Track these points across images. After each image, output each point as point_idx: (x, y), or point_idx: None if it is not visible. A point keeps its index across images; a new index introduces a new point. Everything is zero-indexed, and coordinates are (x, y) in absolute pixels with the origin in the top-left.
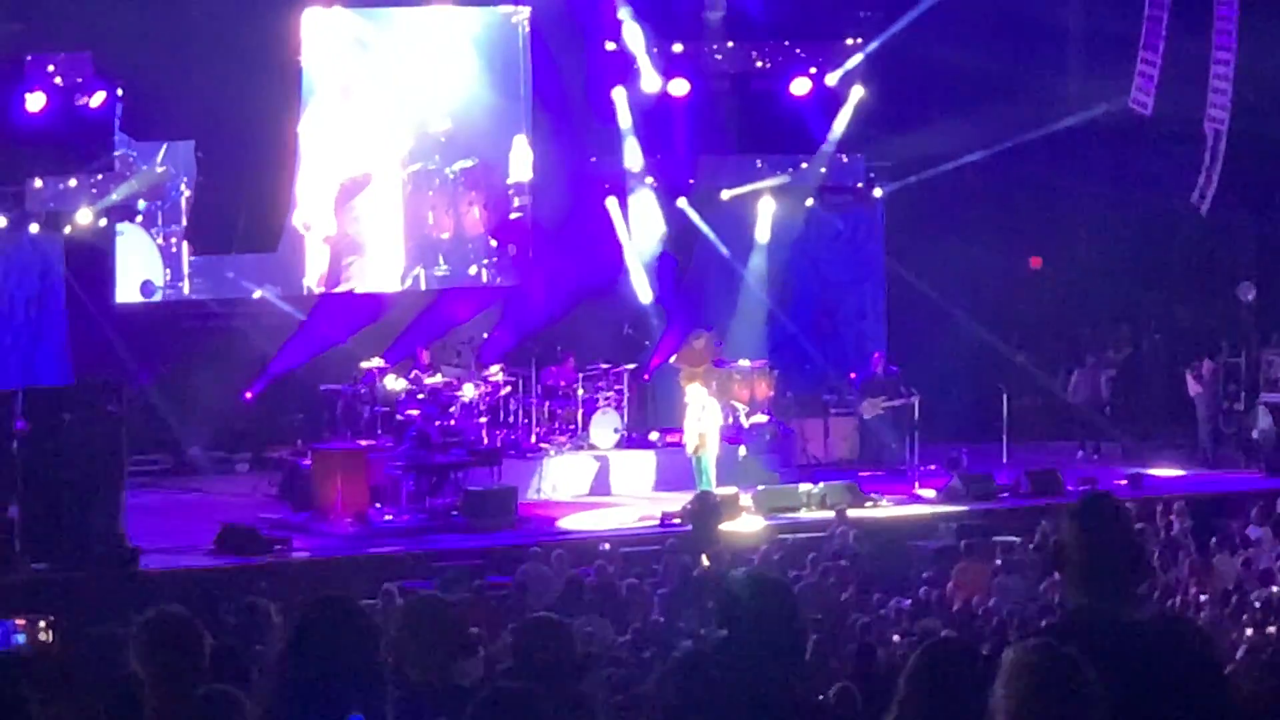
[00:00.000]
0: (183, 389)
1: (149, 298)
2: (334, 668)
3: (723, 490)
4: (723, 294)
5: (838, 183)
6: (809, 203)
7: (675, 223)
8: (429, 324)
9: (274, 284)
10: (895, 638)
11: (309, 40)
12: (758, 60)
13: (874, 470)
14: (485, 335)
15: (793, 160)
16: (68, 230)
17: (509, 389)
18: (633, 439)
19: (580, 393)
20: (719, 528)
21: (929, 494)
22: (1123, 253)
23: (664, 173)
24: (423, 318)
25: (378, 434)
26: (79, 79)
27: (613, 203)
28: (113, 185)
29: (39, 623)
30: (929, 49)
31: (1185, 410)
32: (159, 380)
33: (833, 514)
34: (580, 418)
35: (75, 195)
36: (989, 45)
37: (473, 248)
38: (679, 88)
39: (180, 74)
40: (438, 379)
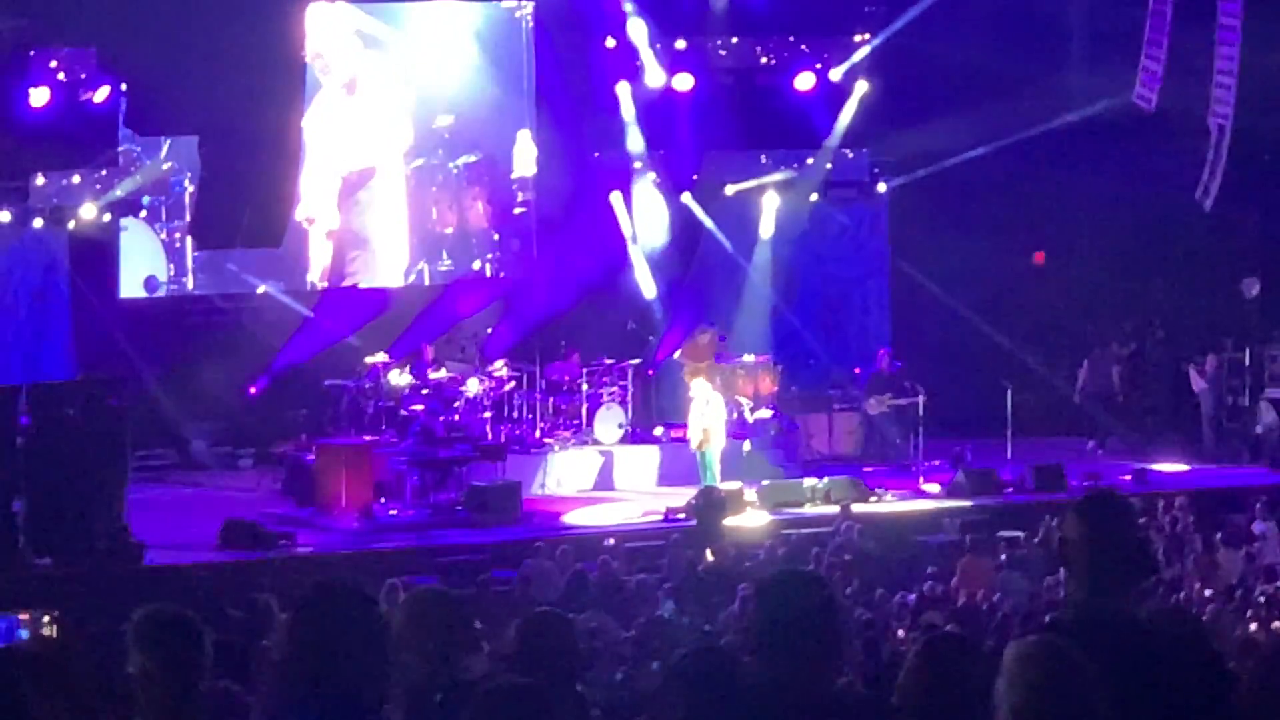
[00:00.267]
0: (187, 384)
1: (153, 293)
2: (337, 656)
3: (727, 485)
4: (727, 289)
5: (842, 178)
6: (813, 198)
7: (679, 218)
8: (433, 319)
9: (278, 279)
10: (900, 632)
11: (313, 35)
12: (762, 55)
13: (878, 465)
14: (489, 330)
15: (797, 155)
16: (72, 225)
17: (513, 384)
18: (637, 434)
19: (584, 388)
20: (723, 523)
21: (933, 489)
22: (1127, 248)
23: (668, 168)
24: (427, 313)
25: (382, 429)
26: (83, 74)
27: (617, 198)
28: (117, 180)
29: (42, 618)
30: (933, 44)
31: (1189, 405)
32: (163, 375)
33: (837, 509)
34: (584, 413)
35: (79, 190)
36: (993, 41)
37: (476, 243)
38: (683, 82)
39: (184, 69)
40: (442, 374)
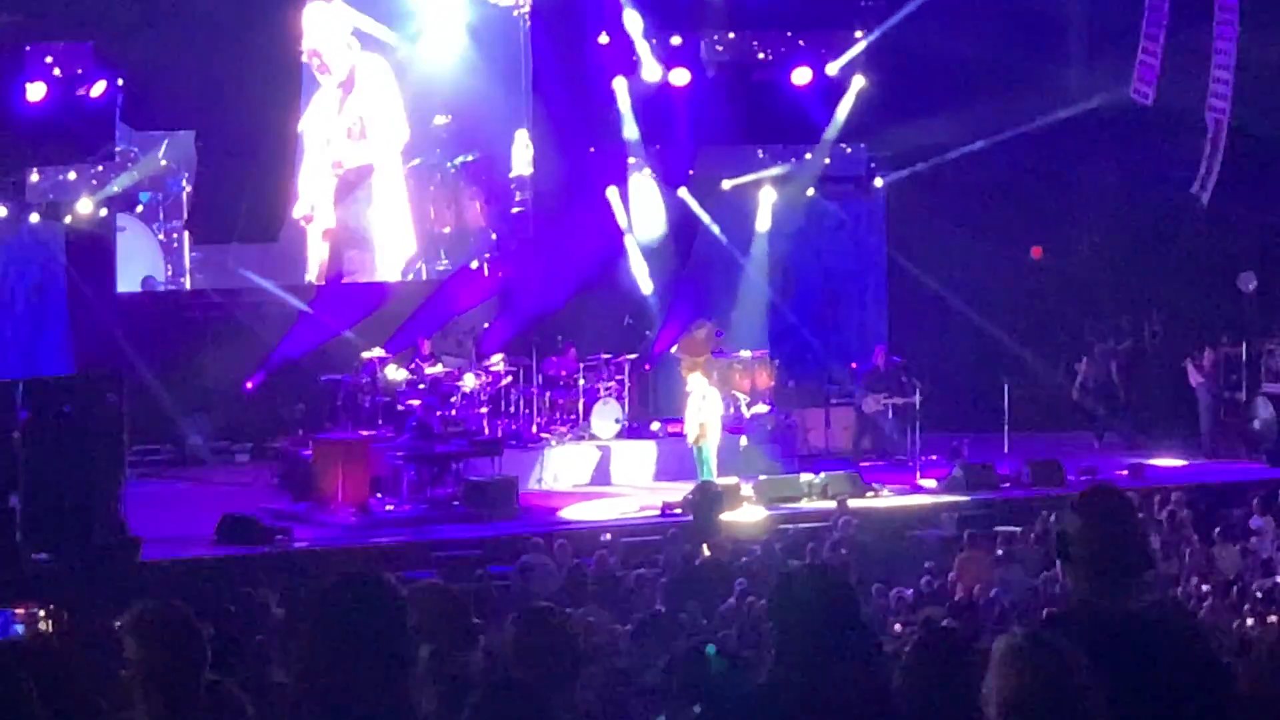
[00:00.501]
0: (184, 379)
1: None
2: (362, 647)
3: (724, 480)
4: (724, 284)
5: (839, 172)
6: (810, 192)
7: (676, 213)
8: (430, 314)
9: (275, 278)
10: (897, 627)
11: (310, 34)
12: (759, 50)
13: (875, 460)
14: (486, 325)
15: (794, 150)
16: (68, 220)
17: (510, 379)
18: (634, 429)
19: (581, 383)
20: (720, 518)
21: (930, 484)
22: (1124, 243)
23: (665, 162)
24: (424, 308)
25: (379, 424)
26: (79, 70)
27: (613, 192)
28: (113, 176)
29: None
30: (930, 38)
31: (1186, 400)
32: (160, 370)
33: (834, 504)
34: (581, 408)
35: (75, 186)
36: (990, 35)
37: (474, 242)
38: (680, 77)
39: (181, 64)
40: (439, 369)
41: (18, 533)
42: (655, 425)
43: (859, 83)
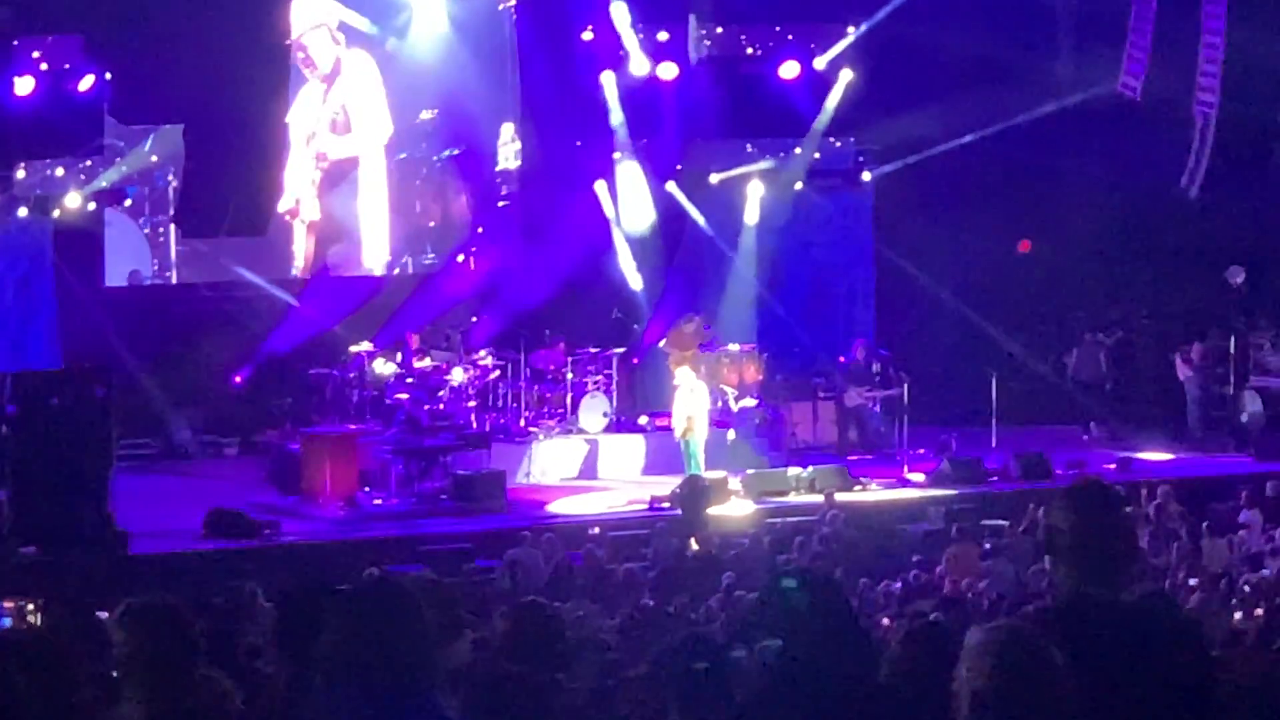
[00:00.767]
0: (172, 373)
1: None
2: (387, 646)
3: (711, 474)
4: (712, 278)
5: (827, 166)
6: (798, 186)
7: (664, 206)
8: (418, 308)
9: (262, 272)
10: (885, 620)
11: (296, 28)
12: (747, 44)
13: (863, 454)
14: (474, 319)
15: (782, 144)
16: (56, 214)
17: (498, 373)
18: (622, 423)
19: (569, 376)
20: (708, 511)
21: (918, 478)
22: (1112, 236)
23: (653, 156)
24: (411, 302)
25: (366, 418)
26: (67, 64)
27: (602, 187)
28: (101, 170)
29: (27, 606)
30: (918, 32)
31: (1174, 394)
32: (148, 364)
33: (821, 498)
34: (569, 401)
35: (63, 180)
36: (978, 29)
37: (460, 236)
38: (668, 71)
39: (169, 58)
40: (427, 363)
41: (5, 526)
42: (643, 419)
43: (847, 76)
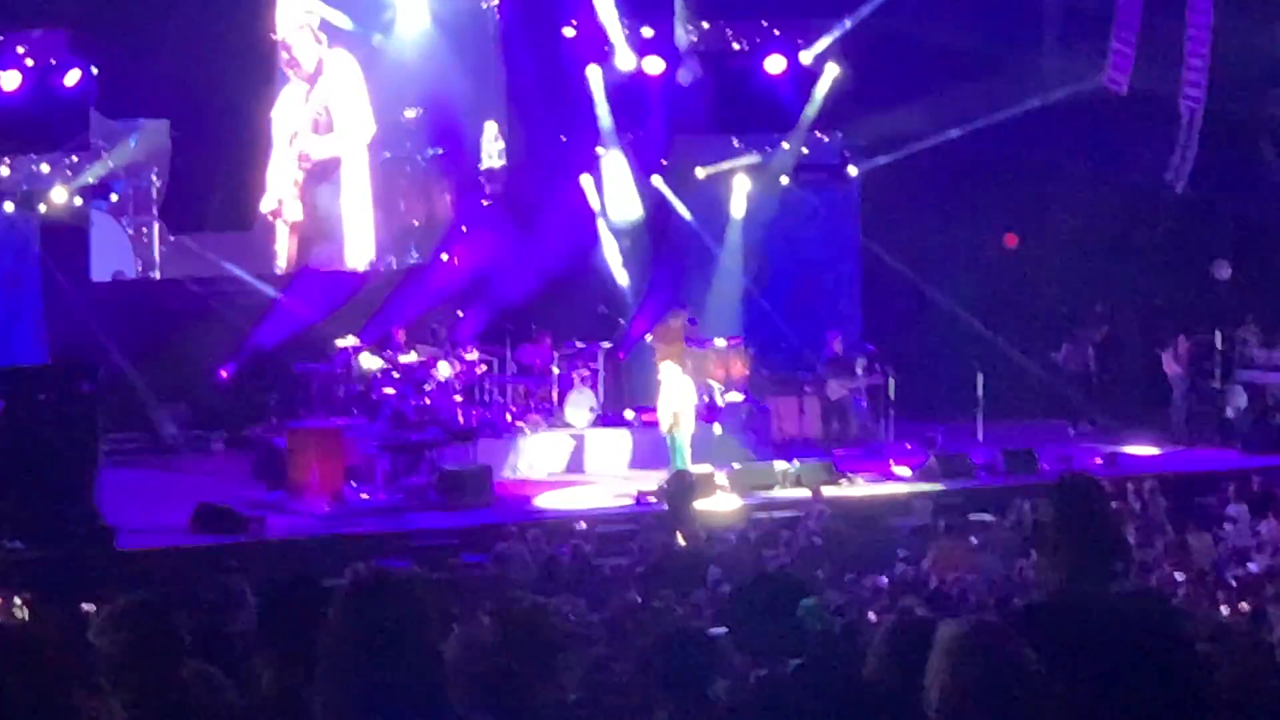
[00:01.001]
0: (158, 368)
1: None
2: (394, 644)
3: (698, 469)
4: (698, 272)
5: (813, 161)
6: (784, 181)
7: (650, 201)
8: (404, 303)
9: (247, 270)
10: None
11: (281, 28)
12: (733, 39)
13: (850, 449)
14: (460, 314)
15: (768, 138)
16: (42, 209)
17: (484, 368)
18: (608, 417)
19: (555, 371)
20: (694, 506)
21: (905, 472)
22: (1098, 231)
23: (639, 151)
24: (398, 297)
25: (353, 413)
26: (53, 60)
27: (587, 181)
28: (87, 165)
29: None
30: (904, 27)
31: (1160, 388)
32: (134, 359)
33: (808, 493)
34: (556, 396)
35: (49, 175)
36: (964, 23)
37: (445, 234)
38: (654, 65)
39: (156, 52)
40: (413, 358)
41: None
42: (629, 414)
43: (833, 71)
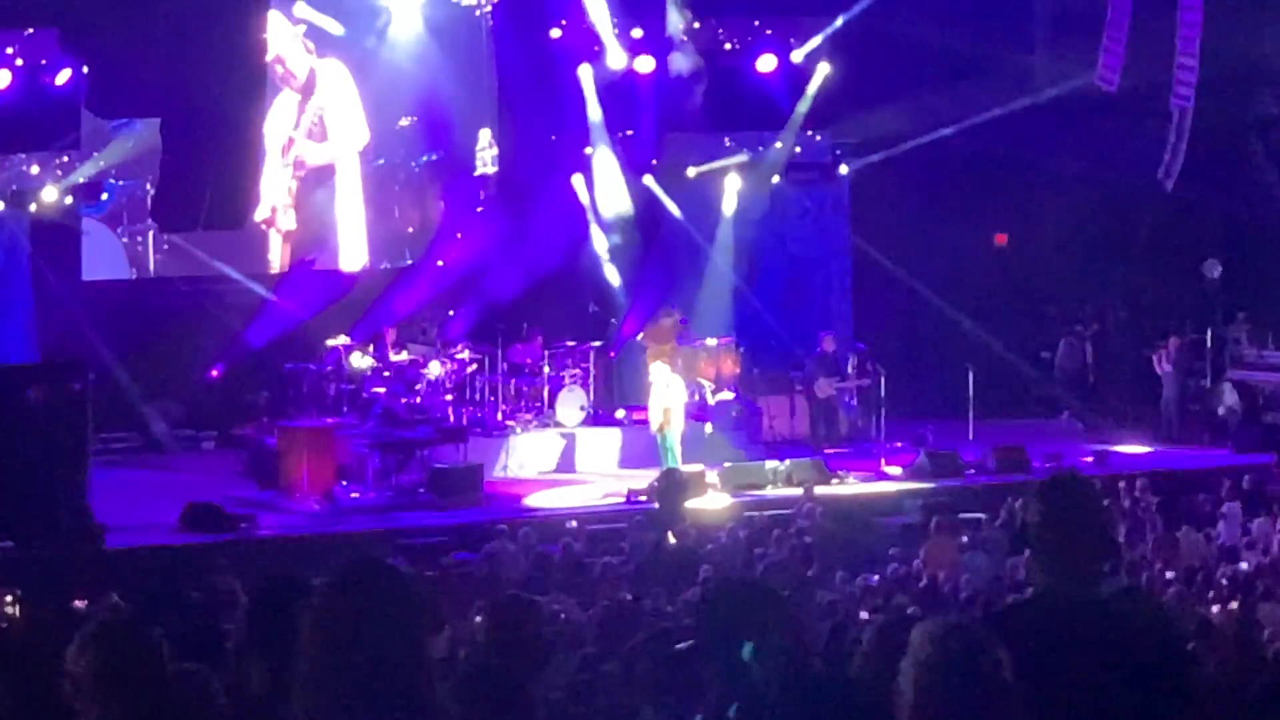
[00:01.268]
0: (149, 367)
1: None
2: (376, 638)
3: (688, 467)
4: (689, 271)
5: (804, 159)
6: (775, 180)
7: (641, 200)
8: (394, 302)
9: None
10: (863, 614)
11: (273, 36)
12: (724, 39)
13: (840, 447)
14: (451, 313)
15: (759, 137)
16: (33, 208)
17: (475, 366)
18: (599, 416)
19: (546, 370)
20: (685, 505)
21: (895, 471)
22: (1088, 229)
23: (630, 150)
24: (388, 296)
25: (344, 412)
26: (43, 59)
27: (579, 180)
28: (78, 164)
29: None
30: (895, 26)
31: (1151, 386)
32: (125, 358)
33: (799, 491)
34: (546, 395)
35: (40, 174)
36: (955, 22)
37: (438, 240)
38: (645, 65)
39: (147, 51)
40: (404, 356)
41: None
42: (620, 413)
43: (824, 70)
